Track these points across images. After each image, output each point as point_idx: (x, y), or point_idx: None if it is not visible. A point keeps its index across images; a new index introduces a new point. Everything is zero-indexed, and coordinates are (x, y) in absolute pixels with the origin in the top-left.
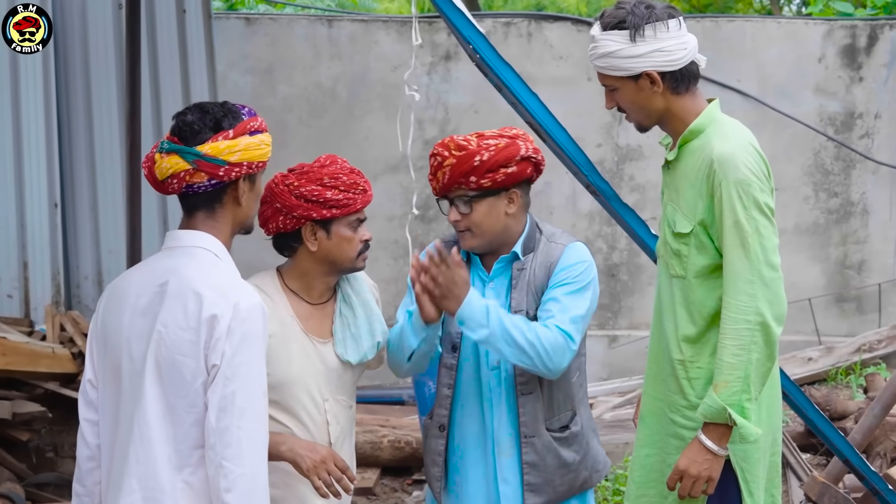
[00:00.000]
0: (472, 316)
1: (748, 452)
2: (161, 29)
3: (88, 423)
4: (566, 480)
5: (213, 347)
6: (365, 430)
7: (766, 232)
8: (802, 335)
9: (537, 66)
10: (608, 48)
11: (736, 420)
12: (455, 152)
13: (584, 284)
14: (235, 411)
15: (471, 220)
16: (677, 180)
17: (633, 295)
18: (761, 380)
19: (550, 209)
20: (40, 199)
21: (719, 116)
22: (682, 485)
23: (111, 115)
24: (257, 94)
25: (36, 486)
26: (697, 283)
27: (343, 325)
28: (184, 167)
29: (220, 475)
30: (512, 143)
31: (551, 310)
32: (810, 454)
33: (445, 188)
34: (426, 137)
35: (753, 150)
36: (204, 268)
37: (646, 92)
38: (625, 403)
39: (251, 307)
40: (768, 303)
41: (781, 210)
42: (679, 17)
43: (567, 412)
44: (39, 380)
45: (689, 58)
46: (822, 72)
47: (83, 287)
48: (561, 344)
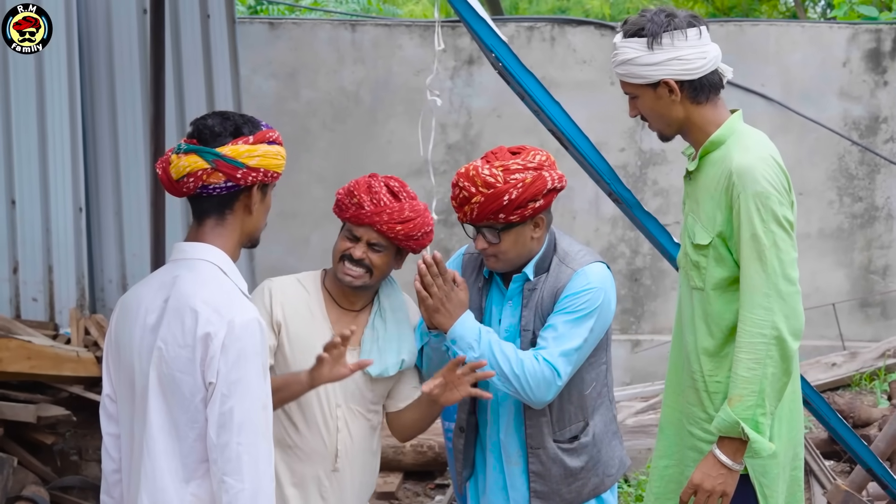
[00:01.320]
0: (463, 336)
1: (767, 467)
2: (185, 34)
3: (111, 436)
4: (573, 488)
5: (208, 365)
6: (388, 434)
7: (784, 245)
8: (826, 340)
9: (560, 70)
10: (627, 55)
11: (749, 435)
12: (483, 189)
13: (587, 313)
14: (234, 427)
15: (498, 248)
16: (698, 191)
17: (657, 299)
18: (777, 394)
19: (573, 214)
20: (65, 203)
21: (741, 127)
22: (697, 499)
23: (136, 119)
24: (281, 98)
25: (60, 490)
26: (716, 295)
27: (372, 337)
28: (202, 166)
29: (222, 490)
30: (538, 176)
31: (547, 339)
32: (834, 461)
33: (473, 221)
34: (449, 142)
35: (774, 163)
36: (203, 282)
37: (664, 100)
38: (647, 409)
39: (246, 323)
40: (785, 317)
41: (805, 215)
42: (700, 26)
43: (578, 423)
44: (64, 383)
45: (708, 67)
46: (846, 76)
47: (107, 291)
48: (546, 378)
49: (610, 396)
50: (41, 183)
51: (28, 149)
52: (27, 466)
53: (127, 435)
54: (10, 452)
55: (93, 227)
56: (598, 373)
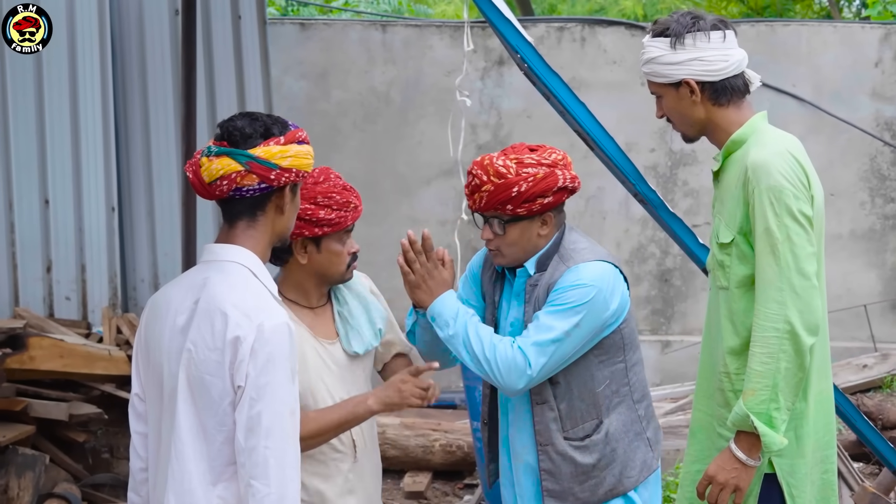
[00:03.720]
0: (441, 313)
1: (795, 467)
2: (216, 35)
3: (139, 435)
4: (587, 487)
5: (237, 369)
6: (417, 434)
7: (798, 240)
8: (858, 342)
9: (591, 70)
10: (652, 54)
11: (758, 428)
12: (494, 178)
13: (571, 307)
14: (262, 432)
15: (503, 240)
16: (722, 191)
17: (687, 300)
18: (792, 390)
19: (603, 214)
20: (98, 203)
21: (762, 126)
22: (710, 491)
23: (167, 120)
24: (311, 98)
25: (92, 487)
26: (739, 293)
27: (343, 323)
28: (235, 168)
29: (249, 493)
30: (550, 173)
31: (528, 329)
32: (863, 463)
33: (481, 210)
34: (479, 142)
35: (790, 157)
36: (233, 285)
37: (686, 101)
38: (676, 410)
39: (276, 327)
40: (798, 312)
41: (836, 216)
42: (726, 30)
43: (591, 421)
44: (96, 382)
45: (731, 70)
46: (878, 76)
47: (140, 290)
48: (518, 365)
49: (635, 397)
50: (74, 183)
51: (61, 149)
52: (59, 464)
53: (154, 435)
54: (43, 450)
55: (125, 227)
56: (614, 371)
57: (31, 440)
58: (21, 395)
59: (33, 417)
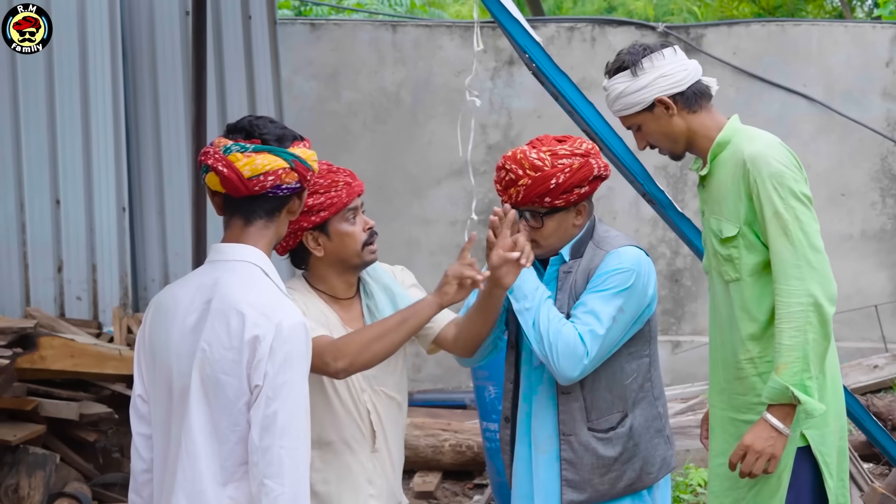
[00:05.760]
0: (520, 286)
1: (825, 436)
2: (227, 35)
3: (141, 436)
4: (606, 479)
5: (255, 368)
6: (426, 434)
7: (806, 218)
8: (868, 342)
9: (601, 70)
10: (617, 90)
11: (799, 398)
12: (530, 172)
13: (616, 291)
14: (277, 430)
15: (540, 233)
16: (715, 192)
17: (697, 300)
18: (819, 359)
19: (614, 214)
20: (109, 203)
21: (742, 126)
22: (746, 460)
23: (178, 120)
24: (322, 98)
25: (102, 486)
26: (752, 281)
27: (370, 316)
28: (282, 165)
29: (262, 493)
30: (585, 163)
31: (578, 316)
32: (872, 464)
33: (518, 204)
34: (489, 142)
35: (781, 146)
36: (247, 284)
37: (664, 118)
38: (687, 410)
39: (293, 326)
40: (818, 284)
41: (848, 216)
42: (673, 46)
43: (616, 413)
44: (106, 381)
45: (692, 78)
46: (889, 76)
47: (150, 289)
48: (577, 353)
49: (655, 393)
50: (85, 183)
51: (72, 149)
52: (70, 463)
53: (161, 435)
54: (54, 449)
55: (136, 227)
56: (640, 364)
57: (41, 439)
58: (32, 394)
59: (44, 417)
